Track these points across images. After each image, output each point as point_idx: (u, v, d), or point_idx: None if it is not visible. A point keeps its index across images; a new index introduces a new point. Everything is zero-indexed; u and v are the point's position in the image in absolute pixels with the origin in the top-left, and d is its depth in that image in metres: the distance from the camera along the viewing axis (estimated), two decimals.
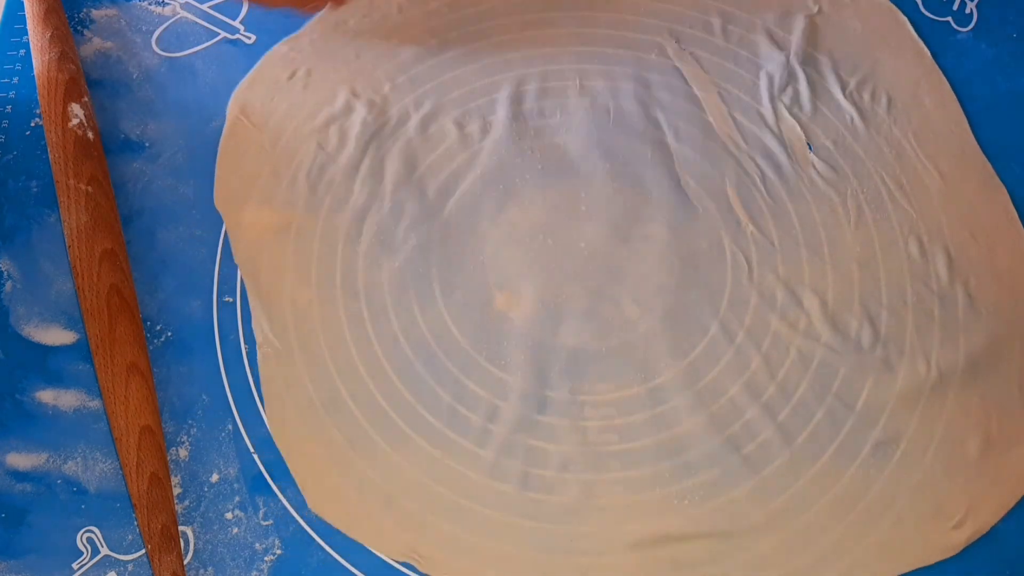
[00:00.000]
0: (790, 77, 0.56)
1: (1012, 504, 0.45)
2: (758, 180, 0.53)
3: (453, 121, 0.54)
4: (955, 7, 0.59)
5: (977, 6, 0.59)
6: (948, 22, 0.58)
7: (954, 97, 0.56)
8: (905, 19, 0.58)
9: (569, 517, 0.45)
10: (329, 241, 0.51)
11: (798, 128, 0.54)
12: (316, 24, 0.58)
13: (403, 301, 0.50)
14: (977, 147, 0.54)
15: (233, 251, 0.51)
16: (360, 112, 0.54)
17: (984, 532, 0.45)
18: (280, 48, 0.57)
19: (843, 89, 0.55)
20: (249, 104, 0.55)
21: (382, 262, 0.51)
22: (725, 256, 0.51)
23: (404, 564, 0.45)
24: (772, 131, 0.54)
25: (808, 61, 0.56)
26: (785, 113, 0.54)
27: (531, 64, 0.56)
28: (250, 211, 0.52)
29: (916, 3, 0.59)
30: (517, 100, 0.55)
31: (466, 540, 0.45)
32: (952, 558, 0.44)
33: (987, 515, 0.45)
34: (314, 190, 0.52)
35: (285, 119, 0.54)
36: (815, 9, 0.58)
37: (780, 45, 0.57)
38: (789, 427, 0.47)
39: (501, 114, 0.54)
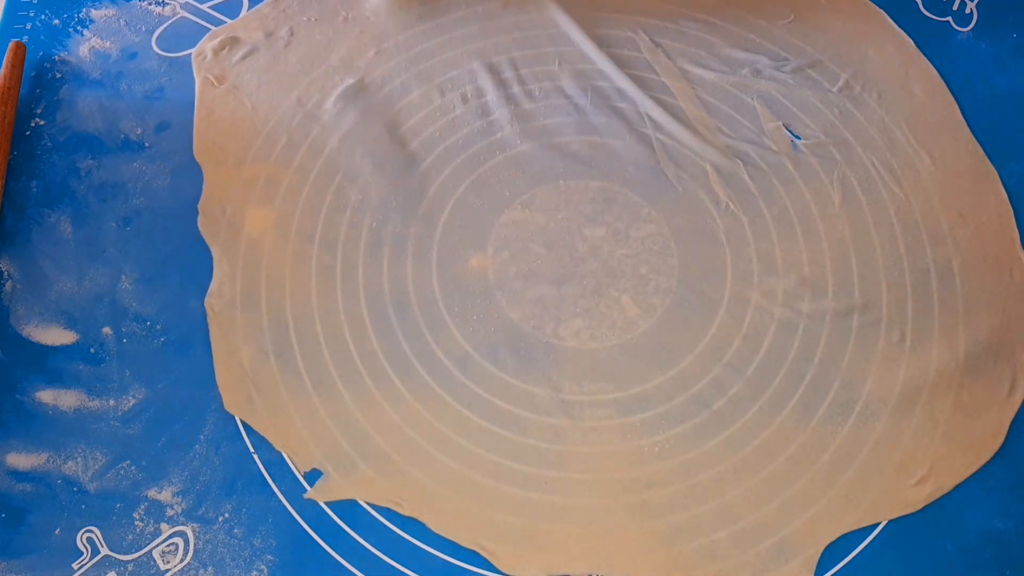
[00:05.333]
0: (773, 78, 0.56)
1: (975, 468, 0.47)
2: (742, 169, 0.53)
3: (436, 88, 0.55)
4: (955, 7, 0.59)
5: (977, 6, 0.59)
6: (948, 22, 0.58)
7: (943, 83, 0.56)
8: (881, 11, 0.58)
9: (545, 460, 0.46)
10: (301, 194, 0.52)
11: (781, 126, 0.54)
12: None
13: (376, 257, 0.51)
14: (968, 130, 0.55)
15: (201, 200, 0.52)
16: (343, 73, 0.55)
17: (945, 492, 0.46)
18: (262, 8, 0.58)
19: (833, 84, 0.55)
20: (219, 64, 0.56)
21: (356, 219, 0.51)
22: (716, 240, 0.51)
23: (403, 563, 0.45)
24: (753, 128, 0.54)
25: (793, 64, 0.56)
26: (766, 111, 0.55)
27: (511, 47, 0.56)
28: (227, 165, 0.53)
29: (916, 3, 0.59)
30: (498, 75, 0.55)
31: (443, 481, 0.46)
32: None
33: (949, 476, 0.46)
34: (292, 144, 0.53)
35: (264, 75, 0.55)
36: (791, 16, 0.58)
37: (756, 51, 0.57)
38: (763, 385, 0.48)
39: (483, 86, 0.55)
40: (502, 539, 0.45)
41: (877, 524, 0.46)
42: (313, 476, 0.46)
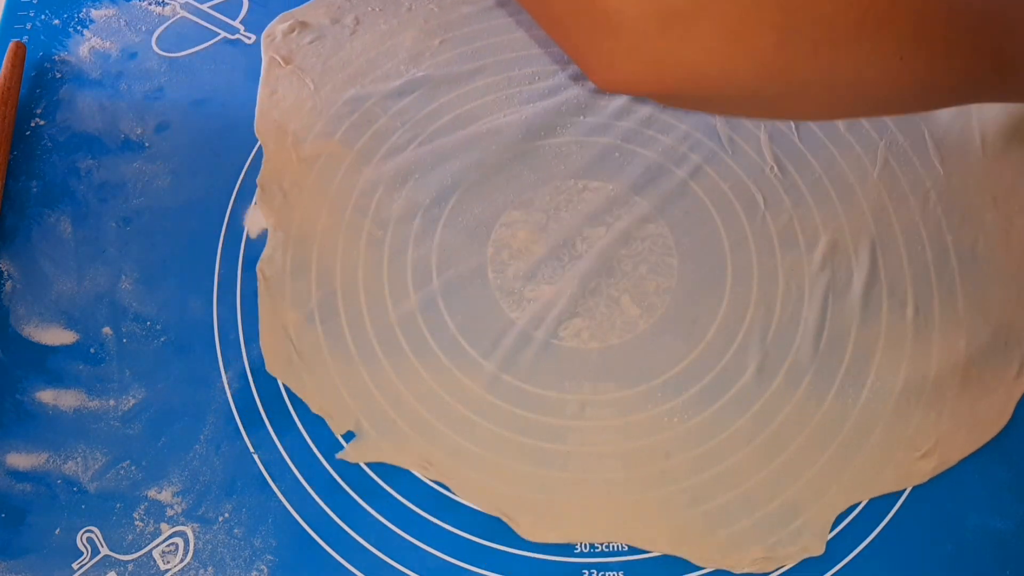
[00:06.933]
0: None
1: (980, 444, 0.47)
2: (794, 134, 0.54)
3: (504, 78, 0.56)
4: None
5: None
6: None
7: None
8: None
9: (564, 435, 0.47)
10: (358, 172, 0.53)
11: None
12: None
13: (425, 241, 0.52)
14: None
15: (260, 175, 0.53)
16: (407, 62, 0.56)
17: (950, 465, 0.47)
18: None
19: None
20: (286, 46, 0.57)
21: (412, 197, 0.52)
22: (718, 240, 0.52)
23: (404, 563, 0.45)
24: None
25: None
26: None
27: None
28: (286, 143, 0.54)
29: None
30: (564, 66, 0.56)
31: (469, 451, 0.47)
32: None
33: (954, 450, 0.47)
34: (354, 127, 0.54)
35: (329, 60, 0.56)
36: None
37: None
38: (775, 361, 0.49)
39: (550, 78, 0.56)
40: (523, 508, 0.46)
41: (881, 520, 0.46)
42: (317, 472, 0.47)
